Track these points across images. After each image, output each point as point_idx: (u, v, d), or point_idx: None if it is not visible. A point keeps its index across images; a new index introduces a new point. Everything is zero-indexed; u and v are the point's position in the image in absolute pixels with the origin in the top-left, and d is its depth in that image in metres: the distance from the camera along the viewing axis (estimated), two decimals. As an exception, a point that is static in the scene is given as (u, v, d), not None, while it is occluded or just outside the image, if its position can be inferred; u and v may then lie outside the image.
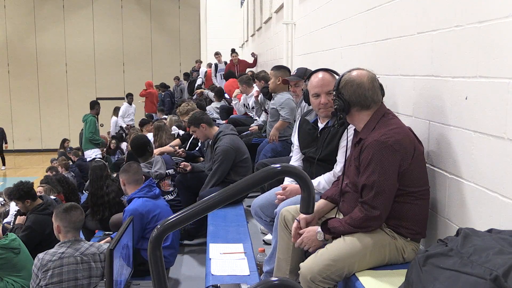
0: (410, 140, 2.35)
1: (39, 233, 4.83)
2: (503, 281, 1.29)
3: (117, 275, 2.82)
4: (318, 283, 2.31)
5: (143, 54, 21.19)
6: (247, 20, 14.38)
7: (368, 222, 2.33)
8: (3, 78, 20.71)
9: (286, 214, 2.77)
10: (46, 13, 20.75)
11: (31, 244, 4.68)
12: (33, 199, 5.10)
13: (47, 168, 10.95)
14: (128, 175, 4.11)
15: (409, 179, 2.32)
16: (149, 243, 1.29)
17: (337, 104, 2.46)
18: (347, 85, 2.43)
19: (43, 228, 4.83)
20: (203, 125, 4.96)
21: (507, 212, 1.91)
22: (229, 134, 4.92)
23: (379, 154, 2.28)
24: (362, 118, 2.45)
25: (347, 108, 2.44)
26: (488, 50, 2.00)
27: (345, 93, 2.43)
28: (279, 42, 7.98)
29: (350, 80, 2.43)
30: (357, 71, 2.47)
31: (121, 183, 4.18)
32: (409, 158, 2.30)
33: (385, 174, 2.27)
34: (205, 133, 5.02)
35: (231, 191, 1.31)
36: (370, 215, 2.30)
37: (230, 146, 4.77)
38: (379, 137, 2.31)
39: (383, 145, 2.28)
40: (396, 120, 2.45)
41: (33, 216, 4.94)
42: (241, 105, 7.64)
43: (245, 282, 2.89)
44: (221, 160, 4.73)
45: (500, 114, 1.93)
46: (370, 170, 2.30)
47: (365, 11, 3.53)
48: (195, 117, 5.05)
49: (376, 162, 2.28)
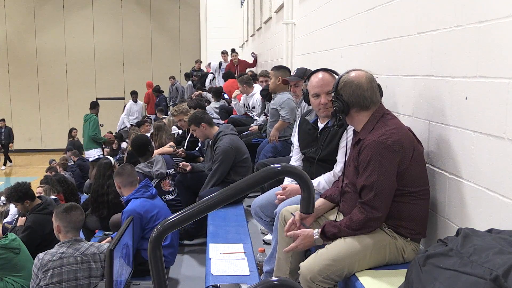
0: (409, 140, 2.35)
1: (40, 233, 4.84)
2: (503, 281, 1.29)
3: (117, 275, 2.82)
4: (318, 283, 2.31)
5: (143, 54, 21.19)
6: (247, 20, 14.39)
7: (369, 223, 2.33)
8: (3, 78, 20.72)
9: (286, 214, 2.77)
10: (46, 13, 20.75)
11: (32, 244, 4.68)
12: (31, 199, 5.11)
13: (46, 169, 10.97)
14: (122, 177, 4.10)
15: (408, 179, 2.32)
16: (149, 243, 1.29)
17: (336, 106, 2.46)
18: (345, 86, 2.43)
19: (43, 228, 4.83)
20: (203, 124, 4.96)
21: (507, 212, 1.91)
22: (229, 134, 4.92)
23: (378, 154, 2.28)
24: (361, 119, 2.46)
25: (346, 109, 2.44)
26: (488, 50, 2.00)
27: (344, 94, 2.43)
28: (279, 42, 7.98)
29: (349, 81, 2.44)
30: (355, 72, 2.47)
31: (117, 187, 4.17)
32: (408, 158, 2.30)
33: (385, 175, 2.27)
34: (205, 132, 5.02)
35: (231, 191, 1.31)
36: (370, 216, 2.30)
37: (230, 146, 4.77)
38: (378, 137, 2.31)
39: (382, 146, 2.28)
40: (395, 121, 2.45)
41: (32, 216, 4.95)
42: (241, 105, 7.64)
43: (245, 282, 2.89)
44: (221, 160, 4.73)
45: (500, 114, 1.93)
46: (369, 171, 2.30)
47: (365, 11, 3.53)
48: (196, 116, 5.04)
49: (375, 162, 2.28)
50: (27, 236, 4.75)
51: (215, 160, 4.77)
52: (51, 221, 4.79)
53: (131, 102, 13.95)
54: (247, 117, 7.34)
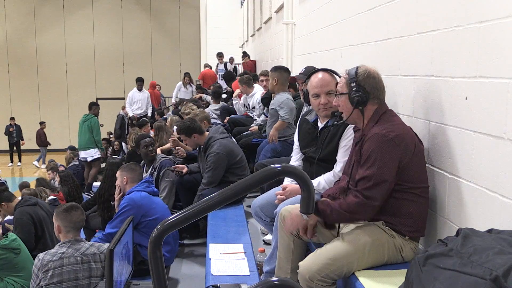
0: (411, 136, 2.37)
1: (31, 223, 4.90)
2: (503, 281, 1.29)
3: (117, 275, 2.82)
4: (317, 282, 2.32)
5: (143, 54, 21.20)
6: (247, 20, 14.40)
7: (362, 208, 2.31)
8: (3, 78, 20.73)
9: (286, 214, 2.77)
10: (46, 13, 20.76)
11: (31, 239, 4.77)
12: (7, 200, 5.23)
13: (47, 168, 10.97)
14: (134, 174, 4.13)
15: (408, 174, 2.33)
16: (149, 243, 1.29)
17: (358, 96, 2.41)
18: (369, 77, 2.42)
19: (31, 217, 4.92)
20: (195, 135, 4.94)
21: (507, 212, 1.91)
22: (219, 139, 4.88)
23: (380, 147, 2.28)
24: (369, 113, 2.45)
25: (366, 100, 2.42)
26: (488, 50, 2.00)
27: (366, 85, 2.42)
28: (279, 42, 7.99)
29: (371, 73, 2.44)
30: (367, 66, 2.48)
31: (122, 181, 4.15)
32: (409, 153, 2.31)
33: (384, 167, 2.27)
34: (196, 142, 5.00)
35: (231, 191, 1.31)
36: (364, 202, 2.30)
37: (221, 152, 4.76)
38: (381, 130, 2.32)
39: (384, 139, 2.28)
40: (397, 118, 2.48)
41: (17, 210, 5.05)
42: (241, 105, 7.64)
43: (245, 282, 2.89)
44: (213, 167, 4.73)
45: (500, 114, 1.93)
46: (370, 162, 2.30)
47: (365, 11, 3.53)
48: (187, 127, 4.94)
49: (376, 154, 2.28)
50: (21, 229, 4.81)
51: (207, 167, 4.77)
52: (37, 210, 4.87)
53: (134, 90, 12.77)
54: (247, 117, 7.34)
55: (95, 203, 5.49)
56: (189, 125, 4.95)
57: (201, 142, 4.98)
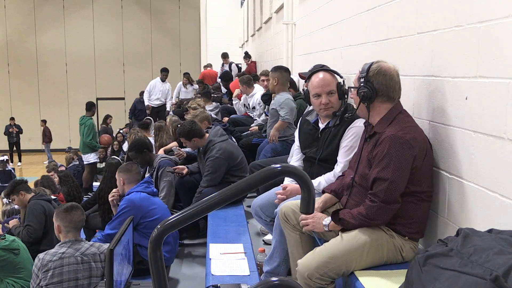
0: (424, 140, 2.37)
1: (43, 215, 5.05)
2: (503, 281, 1.29)
3: (117, 275, 2.82)
4: (315, 280, 2.32)
5: (143, 54, 21.19)
6: (247, 20, 14.38)
7: (381, 212, 2.30)
8: (3, 78, 20.72)
9: (286, 210, 2.78)
10: (46, 13, 20.75)
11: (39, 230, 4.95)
12: (26, 191, 5.38)
13: (48, 168, 10.97)
14: (130, 174, 4.12)
15: (416, 178, 2.32)
16: (149, 244, 1.29)
17: (365, 91, 2.40)
18: (379, 74, 2.40)
19: (44, 209, 5.08)
20: (195, 139, 4.93)
21: (507, 212, 1.90)
22: (219, 142, 4.87)
23: (395, 148, 2.27)
24: (381, 110, 2.43)
25: (373, 96, 2.40)
26: (488, 50, 2.00)
27: (375, 82, 2.40)
28: (279, 42, 7.98)
29: (383, 70, 2.41)
30: (384, 63, 2.45)
31: (120, 182, 4.16)
32: (422, 157, 2.31)
33: (399, 169, 2.26)
34: (196, 145, 4.99)
35: (231, 191, 1.31)
36: (384, 207, 2.29)
37: (221, 157, 4.76)
38: (397, 132, 2.30)
39: (401, 140, 2.27)
40: (411, 119, 2.46)
41: (32, 201, 5.20)
42: (241, 104, 7.63)
43: (245, 282, 2.89)
44: (212, 171, 4.73)
45: (500, 114, 1.93)
46: (384, 164, 2.28)
47: (365, 11, 3.53)
48: (187, 131, 4.90)
49: (391, 156, 2.27)
50: (32, 218, 4.96)
51: (206, 171, 4.77)
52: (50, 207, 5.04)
53: (157, 80, 12.23)
54: (247, 117, 7.34)
55: (95, 203, 5.49)
56: (189, 129, 4.92)
57: (201, 145, 4.97)
